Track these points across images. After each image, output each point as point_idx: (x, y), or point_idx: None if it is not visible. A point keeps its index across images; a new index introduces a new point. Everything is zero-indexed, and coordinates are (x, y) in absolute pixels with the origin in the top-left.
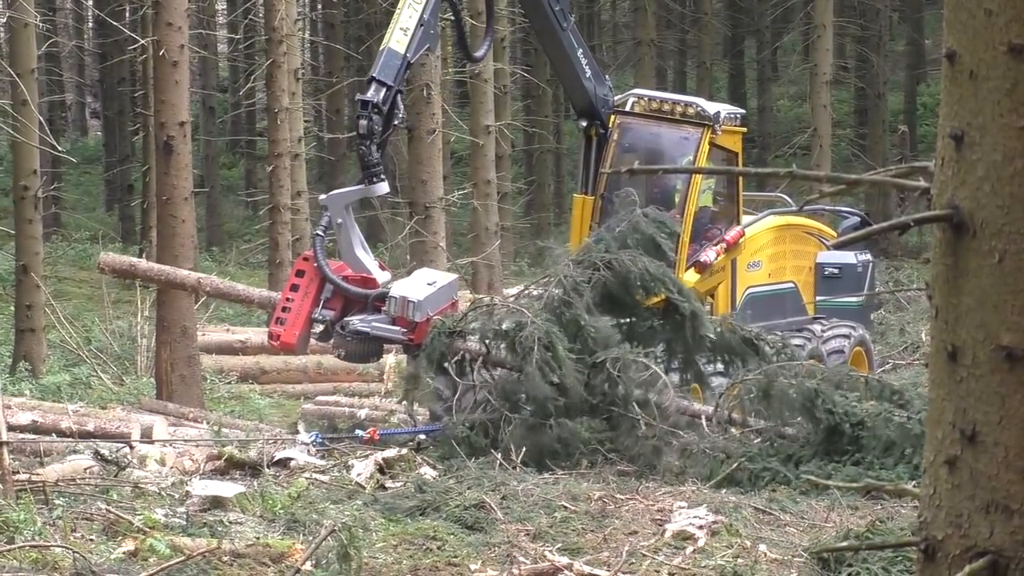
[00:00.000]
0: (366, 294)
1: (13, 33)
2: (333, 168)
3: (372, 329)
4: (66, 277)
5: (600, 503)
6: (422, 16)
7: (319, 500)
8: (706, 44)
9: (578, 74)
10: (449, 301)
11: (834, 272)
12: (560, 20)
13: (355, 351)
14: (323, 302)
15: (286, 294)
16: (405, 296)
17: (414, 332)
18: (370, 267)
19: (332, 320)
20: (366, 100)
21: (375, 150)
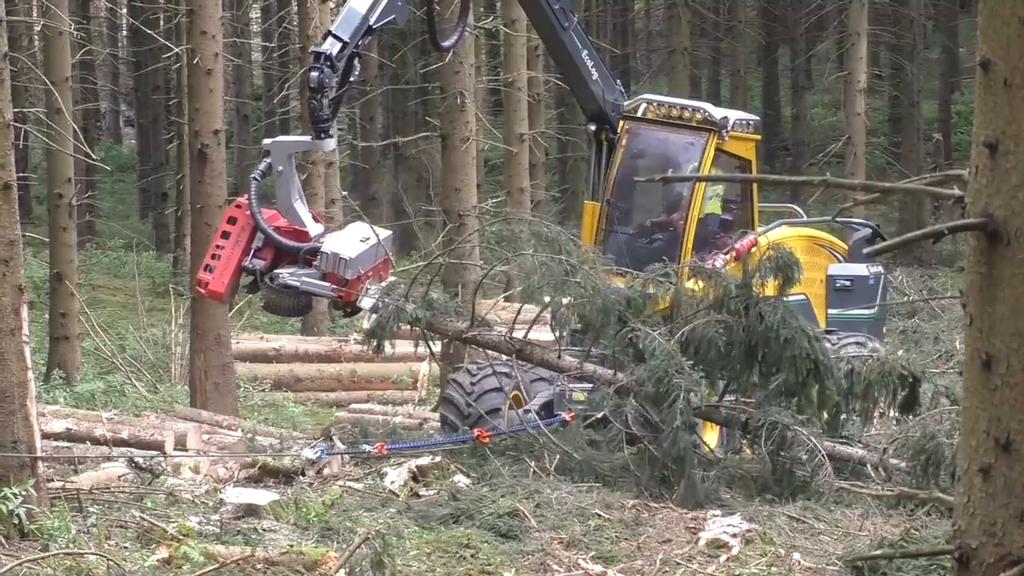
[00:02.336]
0: (298, 247)
1: (47, 41)
2: (367, 176)
3: (302, 284)
4: (100, 285)
5: (634, 511)
6: None
7: (353, 508)
8: (740, 52)
9: (583, 77)
10: (382, 258)
11: (846, 284)
12: (560, 20)
13: (282, 304)
14: (254, 251)
15: (216, 241)
16: (337, 253)
17: (344, 289)
18: (304, 219)
19: (262, 270)
20: (319, 52)
21: (326, 105)
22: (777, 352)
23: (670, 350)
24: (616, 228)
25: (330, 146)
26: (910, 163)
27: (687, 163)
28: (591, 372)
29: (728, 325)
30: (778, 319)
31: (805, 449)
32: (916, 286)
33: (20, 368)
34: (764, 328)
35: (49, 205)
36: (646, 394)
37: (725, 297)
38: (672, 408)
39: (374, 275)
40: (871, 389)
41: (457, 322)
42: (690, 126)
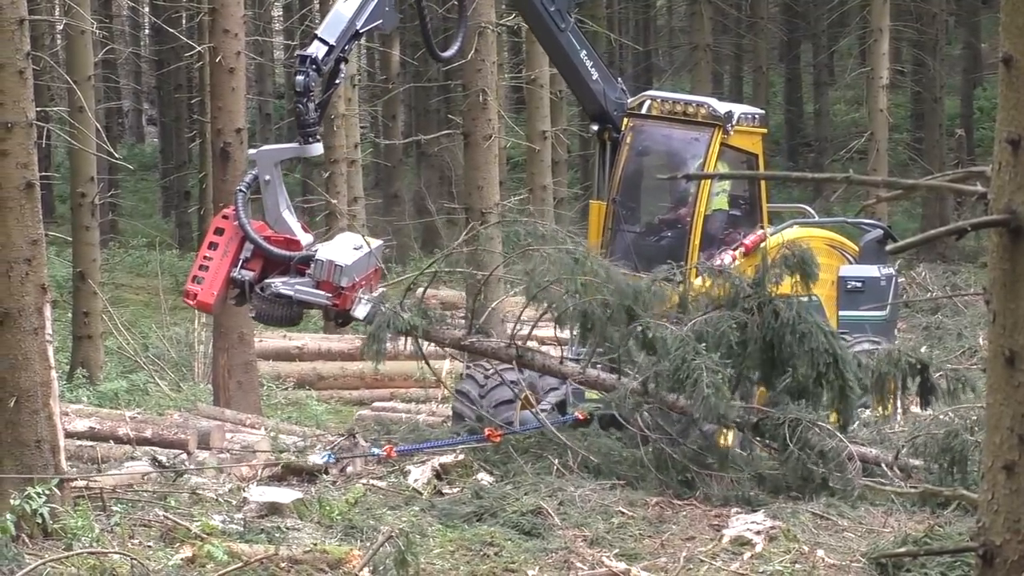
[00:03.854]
0: (289, 256)
1: (70, 40)
2: (390, 174)
3: (295, 292)
4: (123, 284)
5: (657, 508)
6: None
7: (376, 506)
8: (762, 49)
9: (583, 77)
10: (374, 267)
11: (857, 285)
12: (557, 21)
13: (273, 314)
14: (242, 262)
15: (204, 252)
16: (332, 260)
17: (339, 297)
18: (294, 228)
19: (251, 281)
20: (305, 55)
21: (312, 109)
22: (794, 347)
23: (684, 336)
24: (623, 227)
25: (317, 151)
26: (932, 159)
27: (693, 159)
28: (594, 377)
29: (741, 322)
30: (793, 315)
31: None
32: (939, 282)
33: (43, 367)
34: (779, 324)
35: (72, 204)
36: (665, 383)
37: (738, 296)
38: (697, 385)
39: (366, 284)
40: (882, 380)
41: (454, 329)
42: (695, 121)
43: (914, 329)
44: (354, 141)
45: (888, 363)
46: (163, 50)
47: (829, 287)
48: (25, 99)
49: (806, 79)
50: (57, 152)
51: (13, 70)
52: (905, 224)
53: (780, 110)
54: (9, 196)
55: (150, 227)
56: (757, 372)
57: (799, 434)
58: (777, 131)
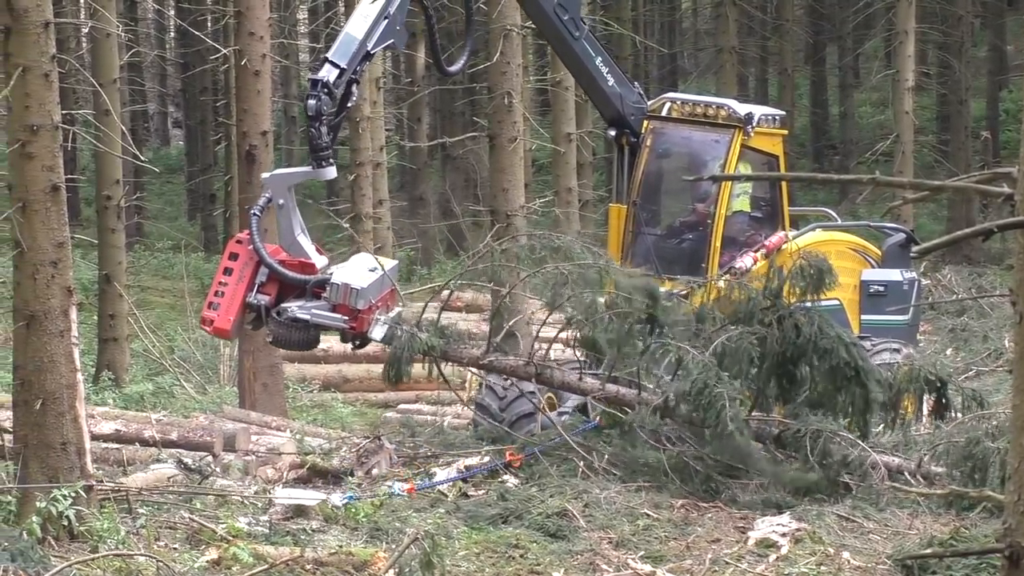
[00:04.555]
0: (305, 280)
1: (95, 43)
2: (415, 177)
3: (312, 316)
4: (149, 287)
5: (683, 511)
6: (386, 9)
7: (402, 508)
8: (787, 51)
9: (599, 84)
10: (389, 288)
11: (879, 289)
12: (571, 29)
13: (291, 338)
14: (257, 287)
15: (219, 278)
16: (348, 283)
17: (356, 320)
18: (309, 252)
19: (267, 305)
20: (316, 79)
21: (325, 132)
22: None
23: (706, 362)
24: (643, 229)
25: (330, 174)
26: (958, 161)
27: (713, 161)
28: (614, 393)
29: (761, 336)
30: (815, 329)
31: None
32: (964, 284)
33: (69, 370)
34: (801, 340)
35: (98, 207)
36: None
37: (756, 310)
38: (721, 416)
39: (382, 305)
40: (900, 396)
41: (472, 348)
42: (715, 123)
43: (940, 331)
44: (379, 144)
45: (907, 379)
46: (188, 53)
47: (851, 291)
48: (51, 102)
49: (832, 81)
50: (83, 155)
51: (39, 73)
52: (931, 226)
53: (805, 112)
54: (35, 199)
55: (175, 230)
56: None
57: (821, 445)
58: (802, 133)
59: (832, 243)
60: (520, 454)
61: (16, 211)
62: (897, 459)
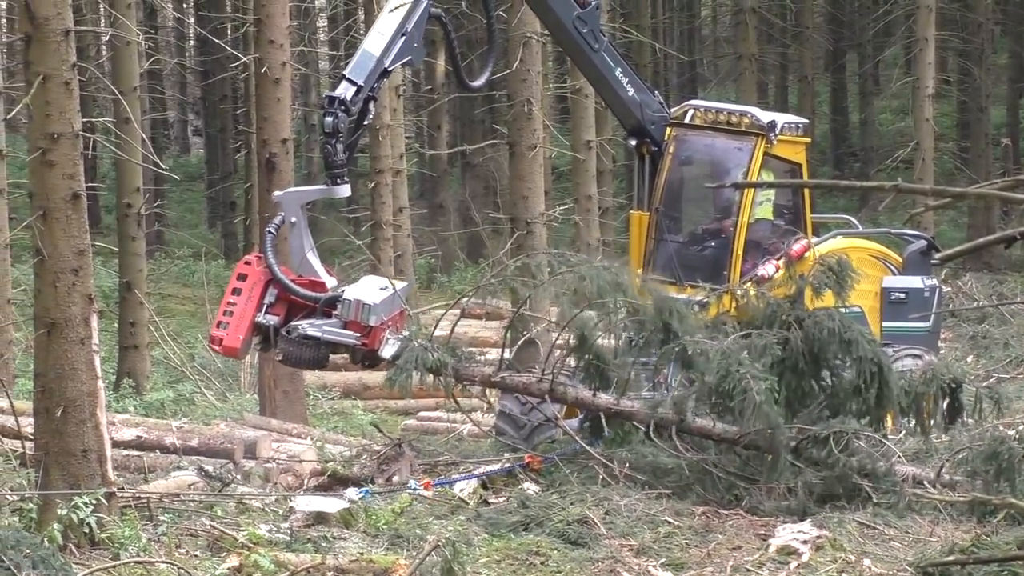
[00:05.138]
0: (316, 297)
1: (116, 51)
2: (435, 184)
3: (324, 333)
4: (169, 294)
5: (704, 518)
6: (403, 26)
7: (422, 515)
8: (807, 58)
9: (619, 94)
10: (400, 308)
11: (900, 297)
12: (590, 42)
13: (302, 356)
14: (266, 307)
15: (227, 298)
16: (360, 299)
17: (368, 337)
18: (319, 271)
19: (276, 325)
20: (333, 96)
21: (341, 150)
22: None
23: (725, 349)
24: (666, 236)
25: (345, 192)
26: (979, 168)
27: (736, 168)
28: (629, 408)
29: (783, 339)
30: (837, 324)
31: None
32: (985, 292)
33: (90, 377)
34: (825, 334)
35: (118, 214)
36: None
37: (777, 316)
38: (746, 395)
39: (393, 325)
40: (919, 399)
41: (484, 366)
42: (738, 131)
43: (960, 339)
44: (399, 151)
45: (924, 383)
46: (208, 61)
47: (872, 298)
48: (71, 110)
49: (852, 88)
50: (103, 163)
51: (59, 81)
52: (951, 234)
53: (826, 119)
54: (56, 207)
55: (196, 237)
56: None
57: (845, 446)
58: (823, 140)
59: (853, 250)
60: (540, 457)
61: (37, 219)
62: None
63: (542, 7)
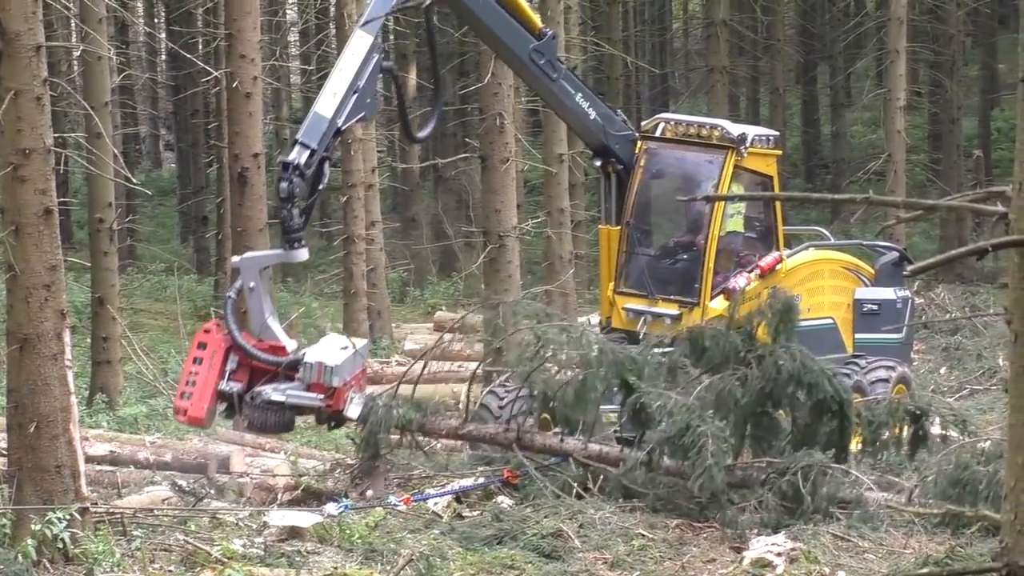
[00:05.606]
0: (278, 361)
1: (87, 66)
2: (407, 198)
3: (288, 397)
4: (142, 309)
5: (678, 531)
6: (355, 83)
7: (396, 529)
8: (779, 71)
9: (581, 119)
10: (361, 367)
11: (873, 308)
12: (548, 73)
13: (267, 422)
14: (228, 374)
15: (189, 368)
16: (322, 361)
17: (332, 398)
18: (279, 335)
19: (239, 392)
20: (287, 162)
21: (297, 214)
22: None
23: (688, 404)
24: (637, 250)
25: (302, 256)
26: (951, 180)
27: (707, 181)
28: (597, 452)
29: (742, 377)
30: (798, 366)
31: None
32: (958, 303)
33: (63, 393)
34: (783, 377)
35: (90, 230)
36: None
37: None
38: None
39: (356, 384)
40: (881, 431)
41: (450, 419)
42: (708, 144)
43: (933, 350)
44: (371, 165)
45: (888, 413)
46: (180, 76)
47: (845, 310)
48: (42, 125)
49: (823, 101)
50: (75, 178)
51: (30, 96)
52: (924, 246)
53: (797, 132)
54: (27, 222)
55: (168, 252)
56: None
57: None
58: (794, 153)
59: (825, 262)
60: (518, 472)
61: (9, 234)
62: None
63: (496, 43)
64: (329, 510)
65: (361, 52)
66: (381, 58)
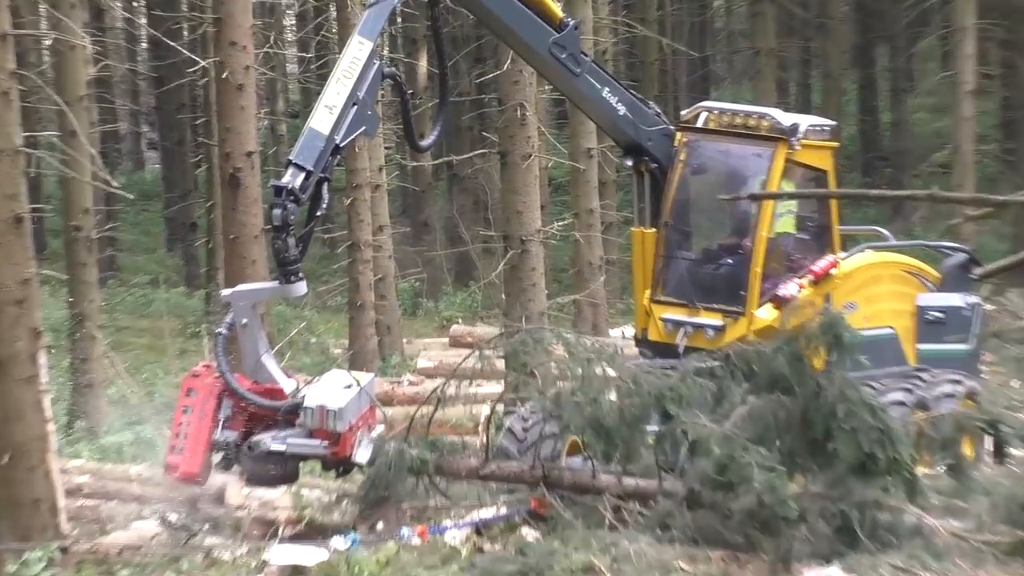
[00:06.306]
0: (276, 406)
1: (59, 57)
2: (419, 199)
3: (288, 447)
4: (125, 326)
5: (721, 564)
6: (354, 94)
7: (410, 566)
8: (832, 52)
9: (609, 115)
10: (368, 405)
11: (938, 316)
12: (571, 67)
13: (268, 474)
14: (222, 422)
15: (178, 418)
16: (323, 405)
17: (337, 444)
18: (276, 375)
19: (235, 442)
20: (279, 186)
21: (293, 244)
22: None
23: (728, 433)
24: (676, 254)
25: (300, 291)
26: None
27: (754, 177)
28: (633, 487)
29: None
30: (836, 391)
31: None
32: None
33: (39, 420)
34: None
35: (66, 239)
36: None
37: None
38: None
39: (363, 425)
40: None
41: (469, 458)
42: (756, 135)
43: (1004, 361)
44: (378, 164)
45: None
46: (163, 66)
47: (906, 318)
48: (11, 123)
49: (882, 85)
50: (48, 182)
51: None
52: (994, 245)
53: (853, 120)
54: None
55: (153, 263)
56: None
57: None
58: (850, 144)
59: (885, 266)
60: (545, 500)
61: None
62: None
63: (512, 38)
64: (336, 545)
65: (360, 60)
66: (382, 64)
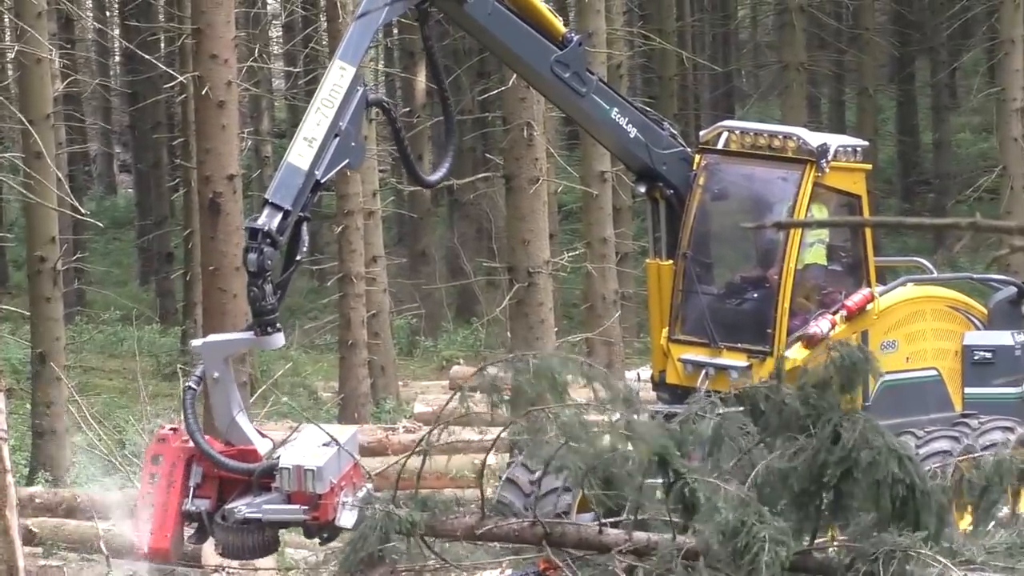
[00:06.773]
0: (249, 470)
1: (24, 72)
2: (416, 227)
3: (264, 514)
4: (93, 367)
5: None
6: (336, 124)
7: None
8: (868, 67)
9: (619, 138)
10: (351, 463)
11: (986, 356)
12: (576, 87)
13: (245, 544)
14: (192, 490)
15: (145, 489)
16: (300, 465)
17: (318, 508)
18: (249, 435)
19: (208, 511)
20: (255, 228)
21: (270, 291)
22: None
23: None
24: (696, 287)
25: (277, 343)
26: None
27: (780, 203)
28: (644, 542)
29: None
30: (856, 436)
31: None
32: None
33: None
34: (838, 451)
35: (29, 271)
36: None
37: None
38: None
39: (348, 485)
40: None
41: (464, 516)
42: (782, 157)
43: None
44: (372, 188)
45: (995, 473)
46: (138, 81)
47: (951, 358)
48: None
49: (923, 103)
50: (10, 208)
51: None
52: None
53: (891, 141)
54: None
55: (125, 297)
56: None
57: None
58: (888, 167)
59: (927, 300)
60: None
61: None
62: None
63: (510, 57)
64: None
65: (342, 87)
66: (367, 91)
